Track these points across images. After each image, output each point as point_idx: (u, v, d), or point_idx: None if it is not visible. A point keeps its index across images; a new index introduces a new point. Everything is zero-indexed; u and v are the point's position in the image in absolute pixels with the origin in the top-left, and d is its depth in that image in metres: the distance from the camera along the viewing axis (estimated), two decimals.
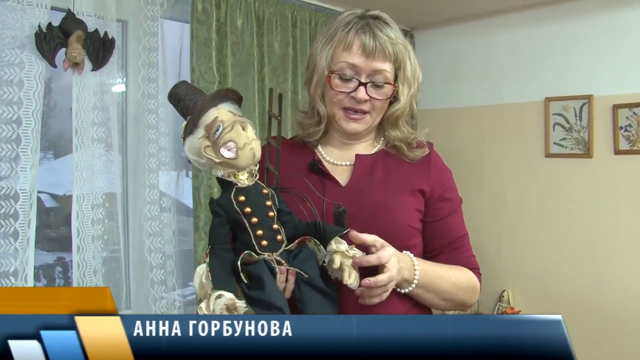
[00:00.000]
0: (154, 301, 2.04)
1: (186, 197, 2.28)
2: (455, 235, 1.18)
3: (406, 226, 1.11)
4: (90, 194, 1.86)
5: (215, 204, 0.94)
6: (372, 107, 1.13)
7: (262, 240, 0.94)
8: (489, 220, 2.79)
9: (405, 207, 1.13)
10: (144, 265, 2.05)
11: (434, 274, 1.09)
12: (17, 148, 1.68)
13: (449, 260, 1.16)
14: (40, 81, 1.71)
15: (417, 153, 1.18)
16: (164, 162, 2.09)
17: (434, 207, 1.16)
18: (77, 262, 1.82)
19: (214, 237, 0.94)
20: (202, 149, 0.92)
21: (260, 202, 0.96)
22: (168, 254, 2.08)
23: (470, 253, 1.20)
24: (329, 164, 1.18)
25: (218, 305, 0.86)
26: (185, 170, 2.31)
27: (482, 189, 2.80)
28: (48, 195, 2.16)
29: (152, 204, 2.05)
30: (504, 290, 2.73)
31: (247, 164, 0.95)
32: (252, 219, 0.94)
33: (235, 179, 0.94)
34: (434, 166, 1.18)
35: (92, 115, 1.87)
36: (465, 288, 1.13)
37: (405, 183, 1.15)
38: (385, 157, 1.18)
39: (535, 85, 2.63)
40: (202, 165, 0.96)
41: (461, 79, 2.86)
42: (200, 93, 0.99)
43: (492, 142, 2.80)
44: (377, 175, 1.14)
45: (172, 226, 2.11)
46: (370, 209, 1.10)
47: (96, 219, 1.87)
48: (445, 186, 1.18)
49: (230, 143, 0.93)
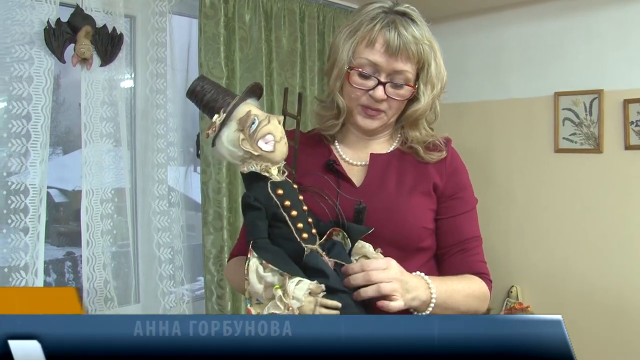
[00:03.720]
0: (162, 295, 2.05)
1: (194, 193, 2.28)
2: (466, 235, 1.14)
3: (420, 227, 1.10)
4: (99, 189, 1.87)
5: (253, 198, 0.93)
6: (388, 107, 1.12)
7: (303, 232, 0.93)
8: (498, 216, 2.77)
9: (419, 207, 1.11)
10: (152, 260, 2.06)
11: (449, 289, 1.04)
12: (27, 143, 1.68)
13: (457, 262, 1.13)
14: (50, 77, 1.72)
15: (433, 156, 1.15)
16: (172, 157, 2.10)
17: (445, 205, 1.14)
18: (87, 257, 1.83)
19: (255, 231, 0.93)
20: (239, 141, 0.92)
21: (295, 196, 0.96)
22: (177, 248, 2.08)
23: (481, 258, 1.16)
24: (345, 163, 1.17)
25: (300, 290, 0.86)
26: (193, 165, 2.31)
27: (491, 185, 2.78)
28: (57, 191, 2.16)
29: (160, 199, 2.06)
30: (512, 286, 2.71)
31: (282, 158, 0.96)
32: (291, 212, 0.93)
33: (268, 174, 0.94)
34: (450, 165, 1.16)
35: (101, 111, 1.87)
36: (477, 297, 1.09)
37: (419, 183, 1.13)
38: (400, 157, 1.16)
39: (544, 80, 2.60)
40: (235, 158, 0.95)
41: (469, 73, 2.83)
42: (224, 88, 1.00)
43: (500, 138, 2.78)
44: (391, 176, 1.13)
45: (181, 221, 2.11)
46: (383, 210, 1.08)
47: (105, 214, 1.88)
48: (460, 186, 1.16)
49: (269, 136, 0.93)
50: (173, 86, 2.09)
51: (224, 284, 2.15)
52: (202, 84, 0.98)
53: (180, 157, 2.13)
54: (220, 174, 2.16)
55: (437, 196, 1.14)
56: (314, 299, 0.86)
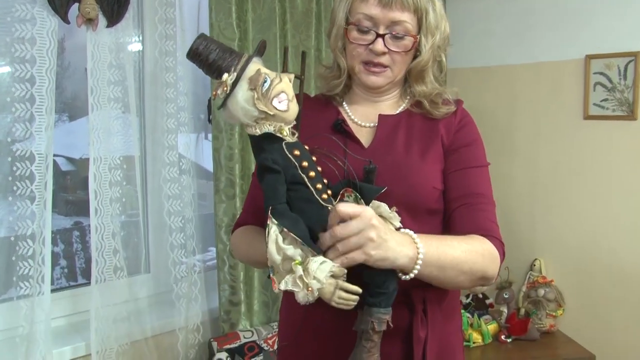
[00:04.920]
0: (173, 265, 2.02)
1: (205, 161, 2.23)
2: (472, 189, 1.11)
3: (429, 188, 1.09)
4: (108, 156, 1.84)
5: (272, 161, 0.91)
6: (392, 61, 1.11)
7: (322, 193, 0.93)
8: (521, 187, 2.69)
9: (429, 168, 1.10)
10: (163, 229, 2.03)
11: (442, 245, 0.99)
12: (32, 108, 1.64)
13: (460, 218, 1.09)
14: (53, 38, 1.66)
15: (442, 110, 1.15)
16: (182, 122, 2.05)
17: (451, 158, 1.13)
18: (95, 226, 1.80)
19: (274, 196, 0.90)
20: (254, 100, 0.91)
21: (309, 156, 0.95)
22: (188, 217, 2.05)
23: (490, 216, 1.11)
24: (354, 124, 1.16)
25: (322, 272, 0.85)
26: (204, 132, 2.25)
27: (515, 154, 2.69)
28: (64, 159, 2.13)
29: (171, 166, 2.02)
30: (535, 259, 2.63)
31: (294, 118, 0.95)
32: (309, 173, 0.93)
33: (281, 135, 0.93)
34: (458, 120, 1.15)
35: (108, 74, 1.82)
36: (482, 254, 1.03)
37: (428, 143, 1.12)
38: (409, 117, 1.16)
39: (574, 42, 2.48)
40: (249, 119, 0.93)
41: (493, 35, 2.72)
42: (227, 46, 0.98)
43: (525, 104, 2.67)
44: (400, 137, 1.12)
45: (192, 189, 2.07)
46: (392, 171, 1.07)
47: (114, 181, 1.85)
48: (468, 140, 1.15)
49: (283, 94, 0.92)
50: (183, 48, 2.00)
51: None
52: (206, 42, 0.95)
53: (190, 124, 2.07)
54: (233, 140, 2.11)
55: (444, 151, 1.13)
56: (334, 281, 0.86)
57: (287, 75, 0.95)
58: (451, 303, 1.17)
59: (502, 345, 2.37)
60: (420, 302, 1.09)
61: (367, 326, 0.94)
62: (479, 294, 2.55)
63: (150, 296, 2.05)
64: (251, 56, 0.94)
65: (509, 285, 2.52)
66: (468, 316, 2.43)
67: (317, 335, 1.10)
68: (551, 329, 2.46)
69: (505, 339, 2.39)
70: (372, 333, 0.94)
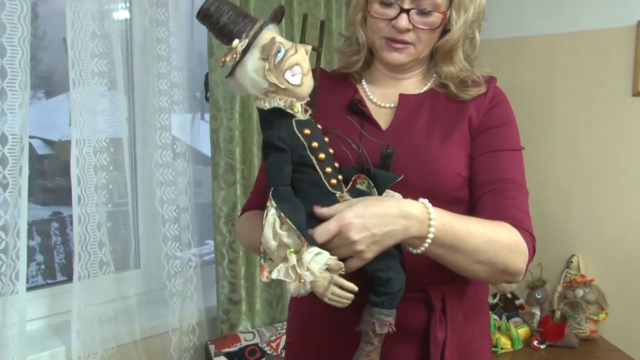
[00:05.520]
0: (166, 260, 1.99)
1: (202, 144, 2.21)
2: (500, 174, 1.09)
3: (453, 174, 1.08)
4: (92, 138, 1.78)
5: (278, 138, 0.92)
6: (416, 38, 1.09)
7: (331, 178, 0.94)
8: (559, 173, 2.61)
9: (452, 152, 1.09)
10: (155, 219, 2.00)
11: (461, 228, 0.97)
12: (3, 82, 1.57)
13: (486, 205, 1.07)
14: (26, 2, 1.58)
15: (470, 93, 1.13)
16: (176, 101, 2.00)
17: (479, 140, 1.11)
18: (79, 215, 1.75)
19: (277, 176, 0.92)
20: (264, 71, 0.91)
21: (321, 137, 0.96)
22: (183, 206, 2.02)
23: (520, 205, 1.08)
24: (372, 104, 1.16)
25: (317, 264, 0.86)
26: (200, 112, 2.24)
27: (552, 135, 2.61)
28: (41, 141, 2.08)
29: (164, 149, 1.98)
30: (573, 255, 2.55)
31: (307, 93, 0.96)
32: (319, 155, 0.94)
33: (292, 111, 0.94)
34: (490, 99, 1.13)
35: (92, 45, 1.76)
36: (507, 245, 1.00)
37: (453, 125, 1.11)
38: (433, 98, 1.15)
39: (623, 7, 2.36)
40: (258, 91, 0.94)
41: (529, 2, 2.64)
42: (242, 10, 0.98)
43: (565, 79, 2.58)
44: (422, 119, 1.12)
45: (187, 175, 2.04)
46: (411, 156, 1.06)
47: (99, 166, 1.81)
48: (499, 120, 1.13)
49: (297, 67, 0.93)
50: (176, 17, 1.97)
51: (236, 246, 2.11)
52: (218, 3, 0.95)
53: (185, 102, 2.03)
54: (233, 120, 2.08)
55: (472, 133, 1.11)
56: (329, 275, 0.87)
57: (304, 46, 0.95)
58: (475, 301, 1.15)
59: (535, 352, 2.31)
60: (438, 300, 1.07)
61: (368, 327, 0.93)
62: (508, 294, 2.50)
63: (140, 294, 2.02)
64: (266, 22, 0.94)
65: (541, 284, 2.45)
66: (495, 318, 2.38)
67: (324, 329, 1.11)
68: (592, 335, 2.38)
69: (538, 344, 2.33)
70: (372, 335, 0.93)
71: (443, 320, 1.07)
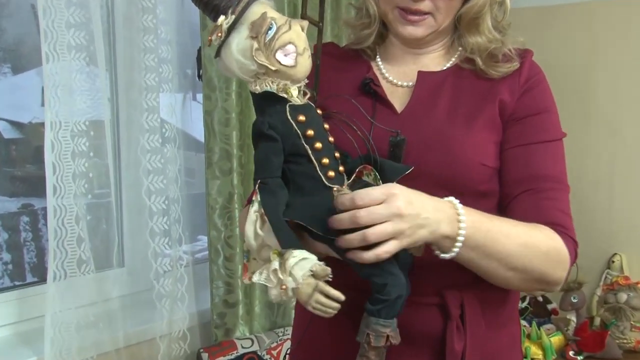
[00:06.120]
0: (154, 257, 1.95)
1: (194, 128, 2.20)
2: (539, 170, 1.07)
3: (477, 164, 1.05)
4: (69, 121, 1.74)
5: (268, 126, 0.92)
6: (434, 7, 1.06)
7: (328, 170, 0.93)
8: (598, 160, 2.56)
9: (478, 139, 1.06)
10: (141, 212, 1.98)
11: (494, 230, 0.96)
12: None
13: (522, 207, 1.06)
14: None
15: (501, 69, 1.09)
16: (165, 78, 1.96)
17: (514, 129, 1.08)
18: (54, 208, 1.71)
19: (266, 168, 0.92)
20: (252, 51, 0.90)
21: (319, 124, 0.96)
22: (172, 197, 1.99)
23: (561, 206, 1.06)
24: (387, 83, 1.14)
25: (301, 269, 0.87)
26: (192, 92, 2.23)
27: (591, 117, 2.56)
28: (7, 123, 2.06)
29: (151, 133, 1.94)
30: (614, 254, 2.50)
31: (304, 75, 0.95)
32: (315, 144, 0.93)
33: (287, 95, 0.93)
34: (525, 79, 1.10)
35: (67, 15, 1.71)
36: (544, 251, 0.99)
37: (480, 107, 1.08)
38: (457, 75, 1.12)
39: None
40: (246, 74, 0.93)
41: None
42: None
43: (606, 52, 2.51)
44: (444, 99, 1.09)
45: (178, 162, 2.01)
46: (428, 143, 1.04)
47: (78, 152, 1.76)
48: (538, 106, 1.09)
49: (290, 46, 0.91)
50: None
51: (233, 242, 2.08)
52: None
53: (175, 80, 1.99)
54: (229, 101, 2.04)
55: (504, 121, 1.08)
56: (314, 282, 0.87)
57: (299, 22, 0.94)
58: (502, 308, 1.13)
59: None
60: (456, 306, 1.05)
61: (362, 339, 0.92)
62: (538, 297, 2.46)
63: (124, 296, 1.98)
64: None
65: (578, 286, 2.40)
66: (524, 325, 2.34)
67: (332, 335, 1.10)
68: (638, 346, 2.33)
69: (575, 355, 2.29)
70: (367, 348, 0.91)
71: (462, 329, 1.05)
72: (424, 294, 0.97)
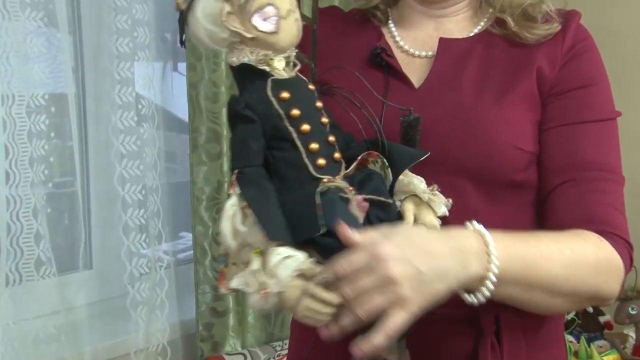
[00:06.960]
0: (128, 257, 1.95)
1: (176, 104, 2.19)
2: (585, 156, 1.04)
3: (511, 148, 1.02)
4: (25, 94, 1.74)
5: (243, 105, 0.90)
6: None
7: (318, 157, 0.90)
8: None
9: (513, 117, 1.04)
10: (113, 204, 1.96)
11: (530, 252, 0.93)
12: None
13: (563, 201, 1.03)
14: None
15: (539, 31, 1.06)
16: (140, 44, 1.95)
17: (555, 105, 1.06)
18: (7, 198, 1.70)
19: (244, 155, 0.90)
20: (223, 16, 0.87)
21: (309, 102, 0.93)
22: (150, 186, 1.98)
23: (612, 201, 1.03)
24: (402, 53, 1.13)
25: (286, 269, 0.84)
26: (172, 62, 2.21)
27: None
28: None
29: (124, 109, 1.94)
30: None
31: (290, 44, 0.92)
32: (301, 126, 0.90)
33: (269, 68, 0.91)
34: (570, 48, 1.06)
35: None
36: (593, 265, 0.96)
37: (515, 80, 1.06)
38: (488, 43, 1.10)
39: None
40: (218, 43, 0.91)
41: None
42: None
43: None
44: (470, 72, 1.07)
45: (157, 144, 2.01)
46: (453, 121, 1.02)
47: (36, 132, 1.76)
48: (584, 77, 1.07)
49: (269, 8, 0.89)
50: None
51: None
52: None
53: (152, 46, 1.99)
54: (218, 71, 2.01)
55: (544, 95, 1.06)
56: (302, 284, 0.84)
57: None
58: (544, 325, 1.10)
59: None
60: (490, 322, 1.03)
61: None
62: (588, 308, 2.40)
63: (92, 304, 1.95)
64: None
65: (637, 295, 2.33)
66: (571, 340, 2.28)
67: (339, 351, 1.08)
68: None
69: None
70: None
71: (497, 350, 1.03)
72: (453, 307, 0.91)
